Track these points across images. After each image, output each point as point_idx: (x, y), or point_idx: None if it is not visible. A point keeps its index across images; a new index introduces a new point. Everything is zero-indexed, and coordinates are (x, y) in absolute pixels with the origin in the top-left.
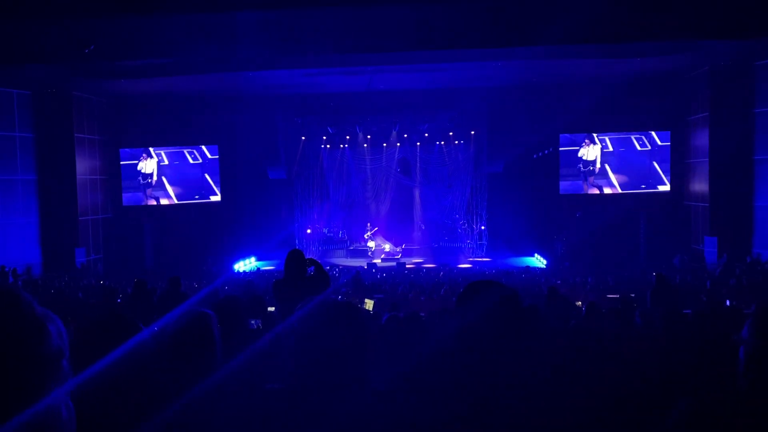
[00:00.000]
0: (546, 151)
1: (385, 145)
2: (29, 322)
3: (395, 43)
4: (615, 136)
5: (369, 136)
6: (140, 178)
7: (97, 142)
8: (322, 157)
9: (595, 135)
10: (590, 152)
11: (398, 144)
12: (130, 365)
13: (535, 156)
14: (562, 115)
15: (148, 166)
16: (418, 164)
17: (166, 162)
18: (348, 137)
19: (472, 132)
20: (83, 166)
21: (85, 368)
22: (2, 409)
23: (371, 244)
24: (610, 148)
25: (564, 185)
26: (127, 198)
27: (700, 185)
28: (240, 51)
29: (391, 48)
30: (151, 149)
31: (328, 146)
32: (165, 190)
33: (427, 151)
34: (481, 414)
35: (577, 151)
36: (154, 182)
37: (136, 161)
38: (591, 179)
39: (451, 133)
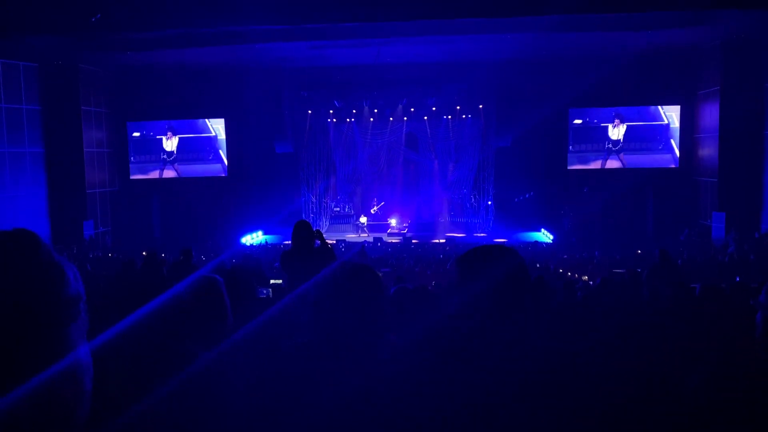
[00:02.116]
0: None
1: (392, 119)
2: (50, 264)
3: (401, 12)
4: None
5: (376, 110)
6: (165, 155)
7: (103, 115)
8: (328, 131)
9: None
10: (620, 131)
11: (405, 118)
12: (143, 329)
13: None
14: (571, 89)
15: (172, 143)
16: (425, 139)
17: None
18: (355, 111)
19: (480, 106)
20: (90, 139)
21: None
22: (27, 351)
23: (363, 219)
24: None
25: (574, 159)
26: (139, 170)
27: (709, 160)
28: (245, 21)
29: (398, 17)
30: (168, 132)
31: (334, 120)
32: (182, 164)
33: (435, 126)
34: (490, 382)
35: (596, 127)
36: (174, 158)
37: (140, 133)
38: (621, 155)
39: (458, 107)
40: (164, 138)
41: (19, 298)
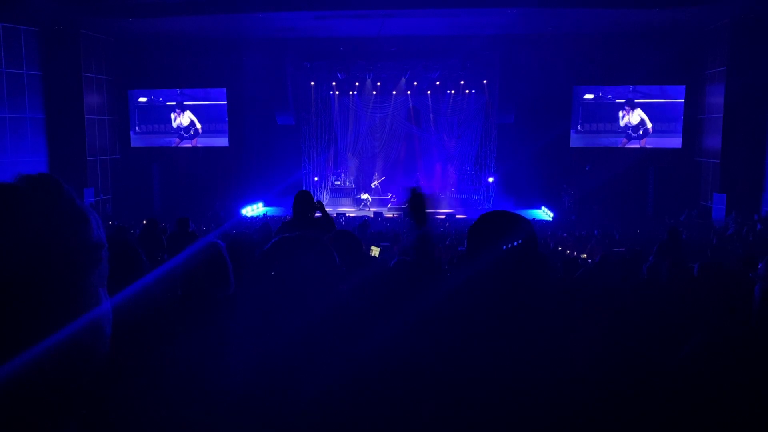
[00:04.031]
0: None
1: (394, 92)
2: (74, 209)
3: None
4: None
5: (379, 84)
6: (182, 131)
7: (104, 82)
8: (331, 104)
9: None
10: (633, 117)
11: (408, 92)
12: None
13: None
14: (576, 66)
15: (184, 119)
16: (428, 113)
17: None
18: (357, 84)
19: (484, 81)
20: (91, 106)
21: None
22: (52, 296)
23: (365, 196)
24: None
25: (582, 139)
26: (144, 140)
27: (712, 141)
28: None
29: None
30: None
31: (337, 93)
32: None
33: (438, 100)
34: (492, 361)
35: (610, 103)
36: (197, 130)
37: (146, 98)
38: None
39: (462, 82)
40: (173, 115)
41: (45, 242)
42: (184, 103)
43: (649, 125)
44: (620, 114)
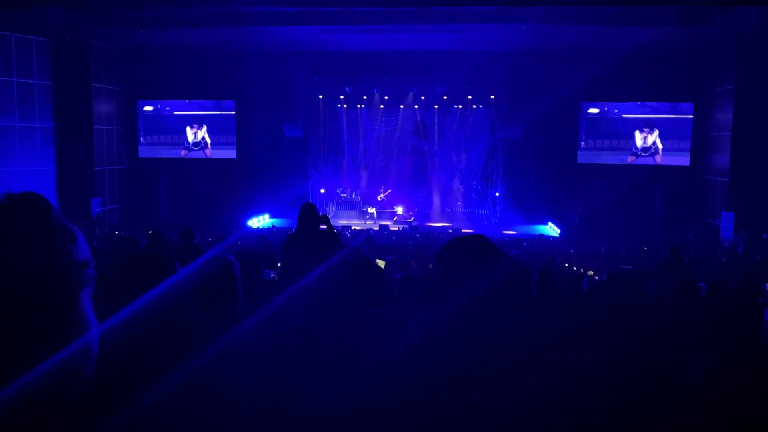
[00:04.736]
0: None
1: (402, 107)
2: (61, 227)
3: None
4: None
5: (386, 97)
6: (192, 145)
7: (114, 93)
8: (338, 117)
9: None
10: (649, 139)
11: (415, 106)
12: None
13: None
14: (583, 83)
15: (198, 134)
16: (434, 127)
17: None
18: (365, 97)
19: (491, 96)
20: (100, 116)
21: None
22: (42, 315)
23: (371, 210)
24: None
25: (586, 156)
26: (150, 151)
27: (720, 159)
28: (259, 1)
29: (409, 3)
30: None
31: (345, 106)
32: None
33: (444, 115)
34: (495, 376)
35: (615, 118)
36: (206, 144)
37: (152, 107)
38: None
39: (469, 97)
40: (189, 129)
41: (33, 262)
42: (193, 113)
43: (660, 146)
44: (638, 135)
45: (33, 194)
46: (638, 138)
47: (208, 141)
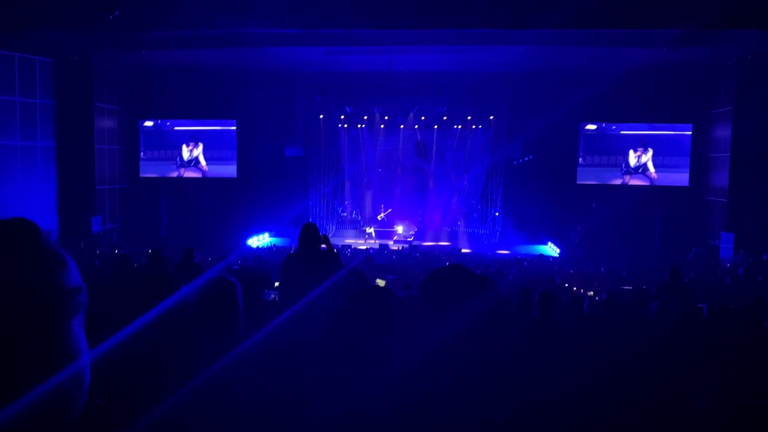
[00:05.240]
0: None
1: (402, 126)
2: (51, 254)
3: (414, 20)
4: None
5: (387, 117)
6: (185, 162)
7: (116, 112)
8: (339, 137)
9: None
10: (643, 158)
11: (416, 126)
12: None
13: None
14: (582, 103)
15: (194, 152)
16: (434, 147)
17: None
18: (366, 117)
19: (491, 117)
20: (102, 136)
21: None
22: (30, 345)
23: (369, 230)
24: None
25: (586, 174)
26: (150, 167)
27: (719, 180)
28: (261, 24)
29: (411, 25)
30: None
31: (345, 126)
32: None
33: (445, 135)
34: (498, 399)
35: (615, 135)
36: (199, 162)
37: (152, 122)
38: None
39: (469, 117)
40: (184, 146)
41: (21, 289)
42: (194, 128)
43: (652, 167)
44: (632, 153)
45: (21, 220)
46: (632, 157)
47: (202, 160)
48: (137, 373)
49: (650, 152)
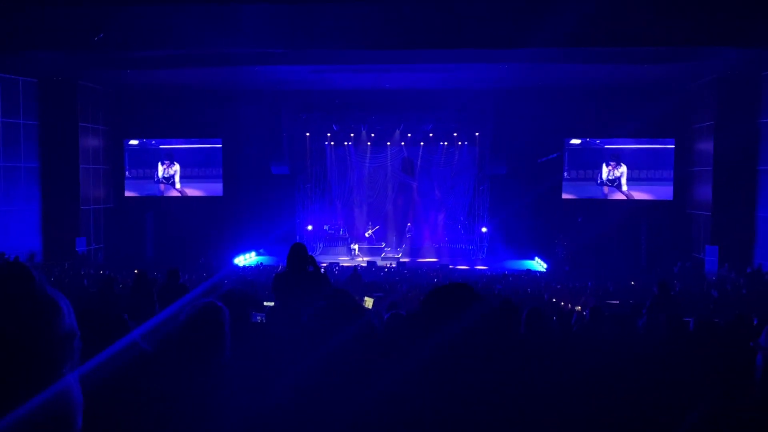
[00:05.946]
0: (553, 155)
1: (389, 143)
2: (44, 300)
3: (401, 40)
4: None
5: (373, 135)
6: (164, 180)
7: (101, 132)
8: (326, 154)
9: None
10: (615, 173)
11: (402, 143)
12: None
13: (539, 161)
14: (567, 119)
15: (169, 171)
16: (421, 164)
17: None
18: (352, 135)
19: (477, 133)
20: (87, 156)
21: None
22: (19, 388)
23: (354, 246)
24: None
25: (570, 187)
26: (135, 186)
27: (703, 193)
28: (248, 44)
29: (397, 45)
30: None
31: (332, 143)
32: (187, 182)
33: (431, 152)
34: (485, 416)
35: (599, 149)
36: (174, 182)
37: (138, 141)
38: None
39: (455, 134)
40: (159, 165)
41: (14, 336)
42: (179, 147)
43: (625, 187)
44: (605, 167)
45: (15, 264)
46: (604, 171)
47: (177, 181)
48: (119, 407)
49: (623, 167)
